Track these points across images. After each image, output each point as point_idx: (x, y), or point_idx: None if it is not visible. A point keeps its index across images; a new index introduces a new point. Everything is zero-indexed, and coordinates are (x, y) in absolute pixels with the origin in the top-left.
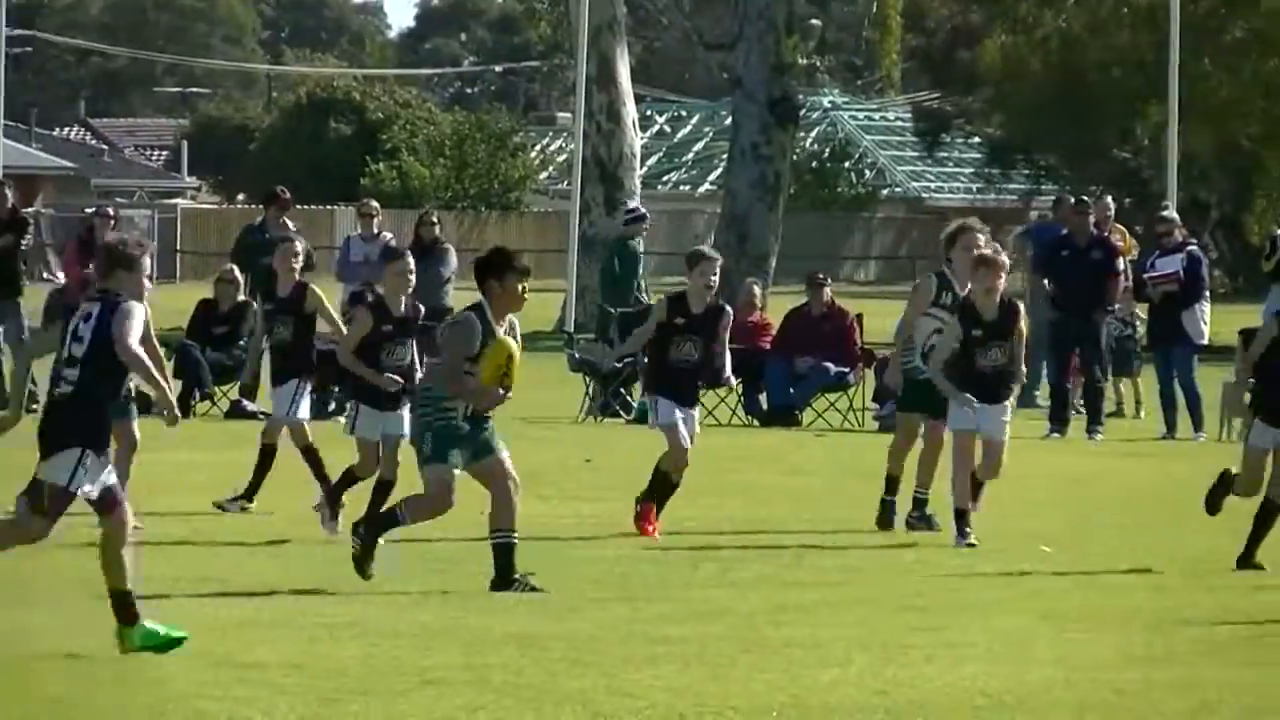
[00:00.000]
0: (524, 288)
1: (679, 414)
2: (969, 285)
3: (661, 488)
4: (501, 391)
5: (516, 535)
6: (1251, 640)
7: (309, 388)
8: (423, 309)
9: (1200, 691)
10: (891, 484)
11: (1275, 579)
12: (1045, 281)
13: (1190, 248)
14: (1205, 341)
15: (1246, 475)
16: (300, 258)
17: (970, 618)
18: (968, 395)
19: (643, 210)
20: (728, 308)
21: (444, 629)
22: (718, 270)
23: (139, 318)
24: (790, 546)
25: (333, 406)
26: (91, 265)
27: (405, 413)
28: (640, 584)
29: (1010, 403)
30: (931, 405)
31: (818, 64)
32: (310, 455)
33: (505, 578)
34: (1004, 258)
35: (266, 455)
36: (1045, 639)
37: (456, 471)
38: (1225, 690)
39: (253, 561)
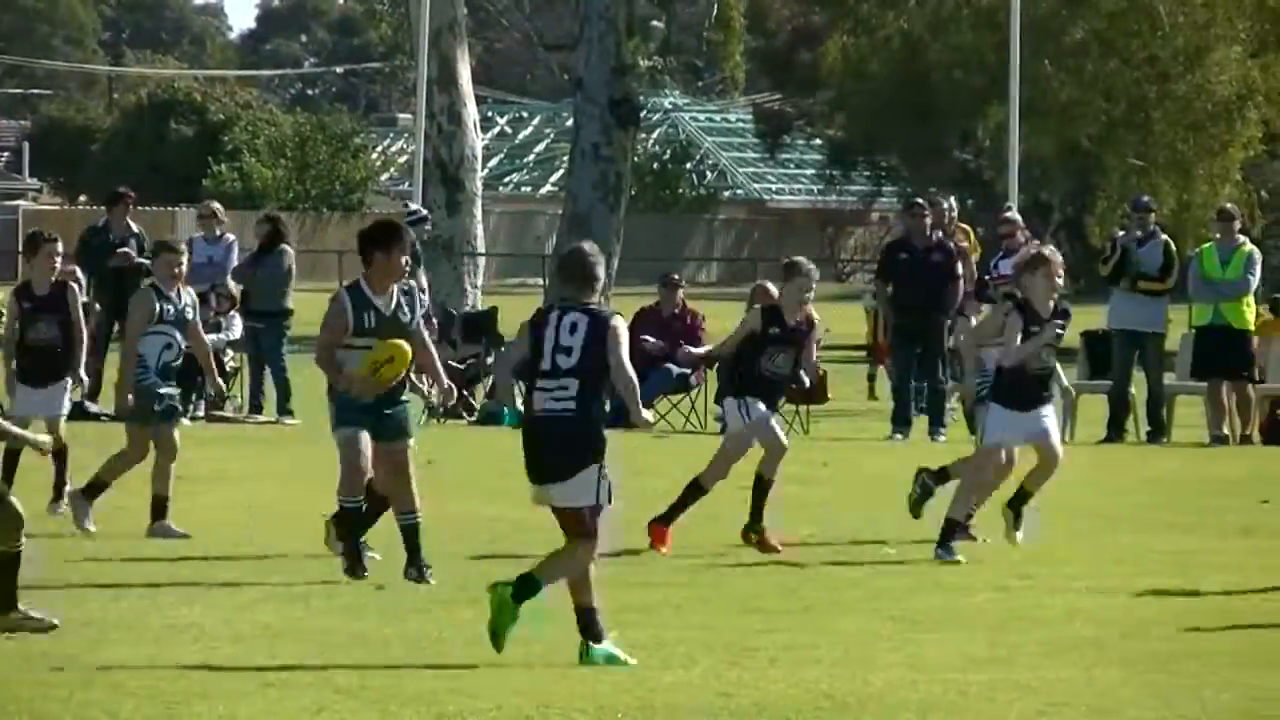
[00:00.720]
0: (407, 260)
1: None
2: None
3: (758, 494)
4: (372, 380)
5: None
6: (1095, 642)
7: (69, 385)
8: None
9: (1045, 693)
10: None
11: (1110, 583)
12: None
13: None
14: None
15: None
16: (60, 258)
17: (813, 620)
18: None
19: (424, 211)
20: (817, 318)
21: (286, 630)
22: (814, 283)
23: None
24: (633, 548)
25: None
26: None
27: None
28: (483, 586)
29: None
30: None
31: (659, 65)
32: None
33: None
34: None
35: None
36: (889, 641)
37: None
38: (1070, 692)
39: (94, 562)
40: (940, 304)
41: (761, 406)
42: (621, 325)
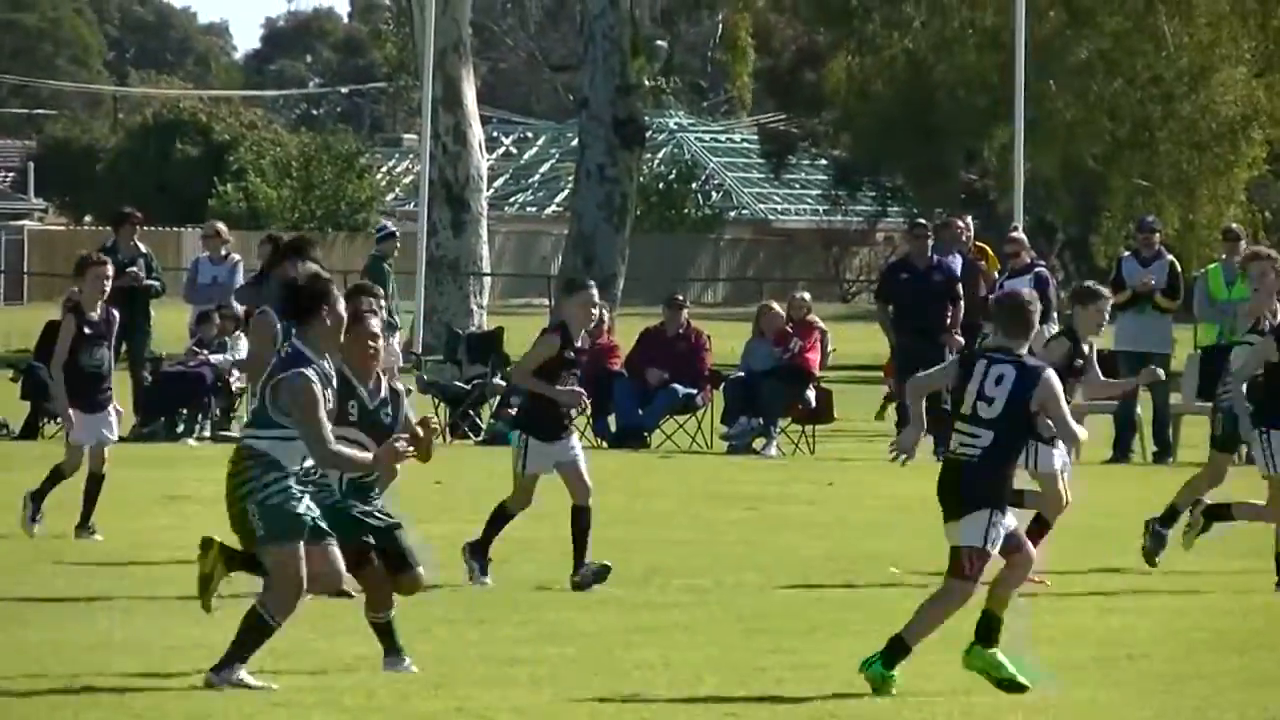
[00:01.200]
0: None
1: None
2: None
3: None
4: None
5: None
6: (1101, 662)
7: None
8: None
9: (1051, 714)
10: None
11: (1116, 603)
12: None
13: (1038, 269)
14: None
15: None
16: (109, 280)
17: (820, 640)
18: None
19: (393, 228)
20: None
21: (291, 651)
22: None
23: None
24: (640, 569)
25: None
26: None
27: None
28: (491, 606)
29: None
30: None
31: (664, 85)
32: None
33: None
34: None
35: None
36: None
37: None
38: (1076, 713)
39: (100, 583)
40: (941, 324)
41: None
42: (1054, 378)
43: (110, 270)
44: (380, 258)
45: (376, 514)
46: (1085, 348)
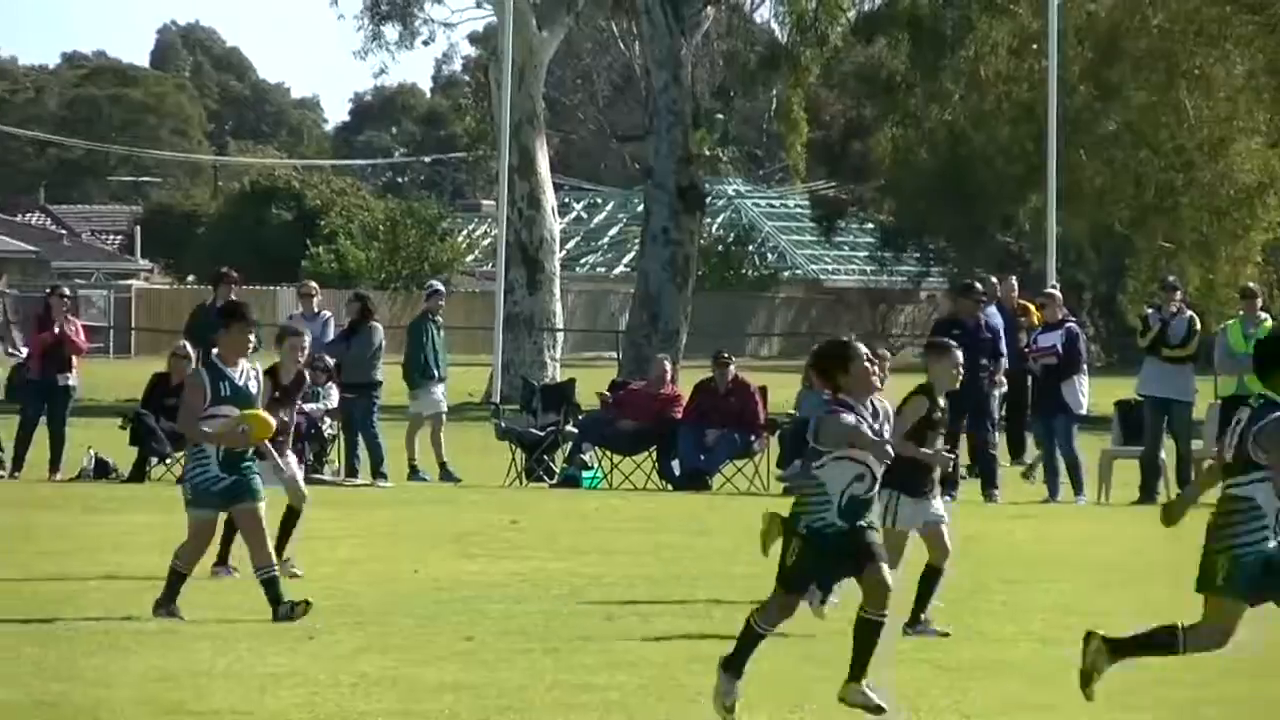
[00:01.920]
0: (248, 337)
1: None
2: None
3: None
4: (241, 431)
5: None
6: (1129, 688)
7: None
8: None
9: None
10: None
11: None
12: None
13: (1069, 324)
14: (1085, 411)
15: None
16: (304, 352)
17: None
18: None
19: (439, 287)
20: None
21: (381, 678)
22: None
23: None
24: (702, 601)
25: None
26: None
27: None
28: (564, 636)
29: None
30: None
31: (722, 155)
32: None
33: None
34: None
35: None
36: (938, 688)
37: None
38: None
39: (203, 614)
40: (986, 376)
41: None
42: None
43: (306, 341)
44: (428, 313)
45: None
46: (942, 400)
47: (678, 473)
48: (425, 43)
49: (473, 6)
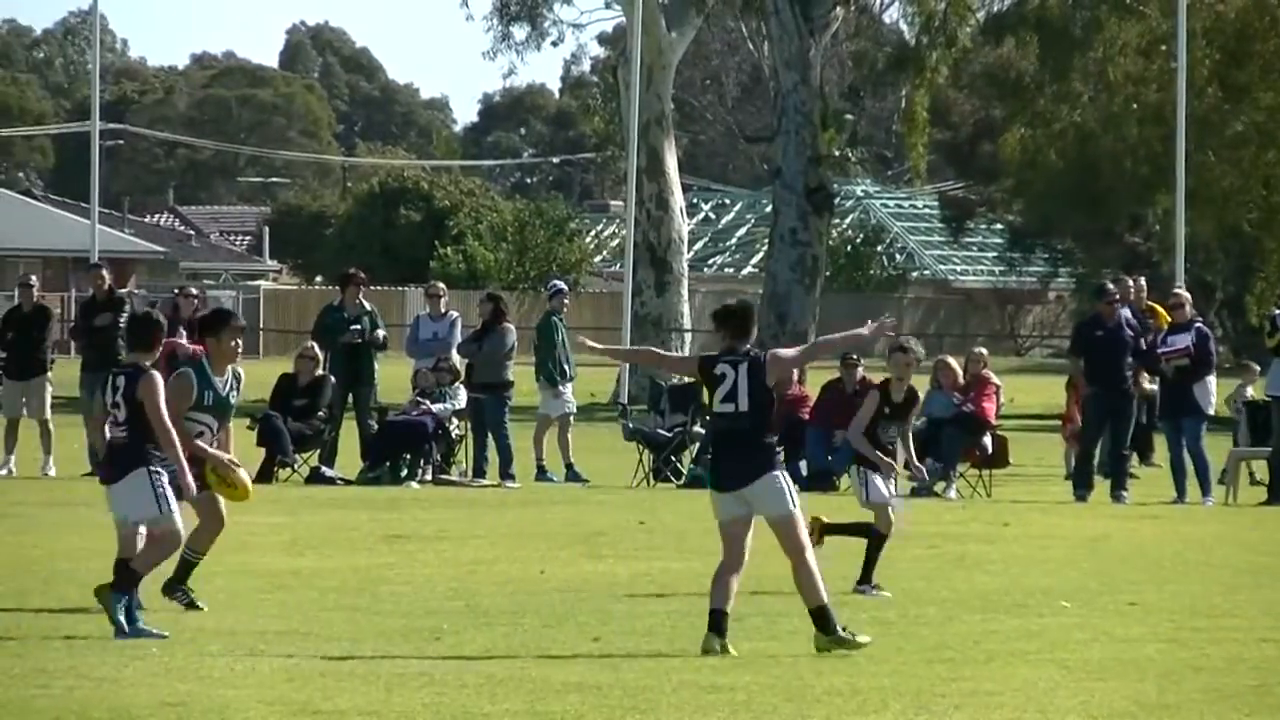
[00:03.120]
0: (237, 343)
1: None
2: None
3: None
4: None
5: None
6: (1259, 689)
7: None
8: None
9: None
10: None
11: (1272, 634)
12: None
13: (1198, 324)
14: (1214, 412)
15: None
16: None
17: (995, 668)
18: None
19: (562, 286)
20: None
21: (508, 678)
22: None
23: None
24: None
25: (405, 473)
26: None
27: None
28: (691, 636)
29: None
30: None
31: (850, 156)
32: None
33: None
34: None
35: None
36: (1066, 689)
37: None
38: None
39: (330, 614)
40: (1126, 376)
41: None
42: None
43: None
44: (552, 313)
45: None
46: (896, 397)
47: (805, 473)
48: (554, 44)
49: (602, 7)
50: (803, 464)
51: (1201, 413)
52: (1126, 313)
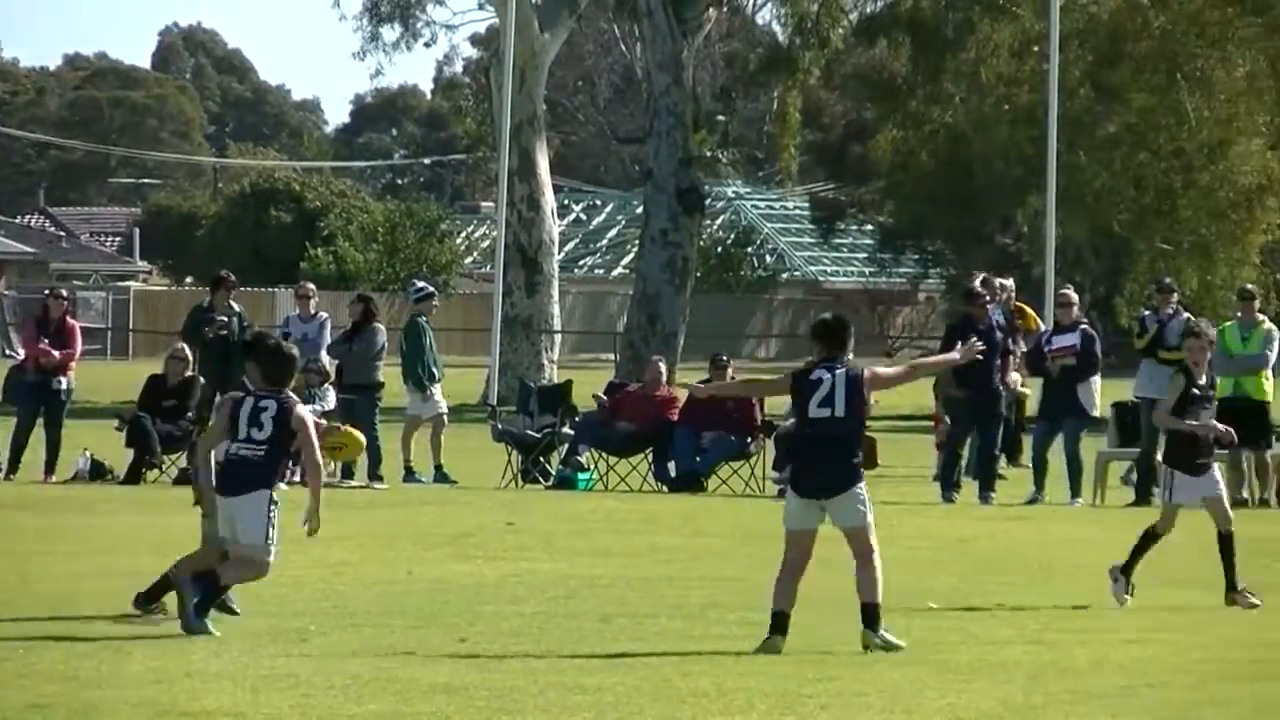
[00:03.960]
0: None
1: None
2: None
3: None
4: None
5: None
6: (1125, 690)
7: None
8: None
9: None
10: None
11: (1142, 635)
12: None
13: (1084, 325)
14: (1097, 413)
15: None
16: None
17: (862, 669)
18: None
19: (430, 289)
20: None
21: (375, 679)
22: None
23: None
24: (698, 603)
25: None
26: (45, 342)
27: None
28: (558, 638)
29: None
30: None
31: (722, 157)
32: None
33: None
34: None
35: None
36: (933, 689)
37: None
38: None
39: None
40: (994, 377)
41: None
42: None
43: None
44: (418, 315)
45: None
46: (1200, 378)
47: (673, 474)
48: (427, 44)
49: (475, 8)
50: (671, 465)
51: (1084, 414)
52: (997, 314)
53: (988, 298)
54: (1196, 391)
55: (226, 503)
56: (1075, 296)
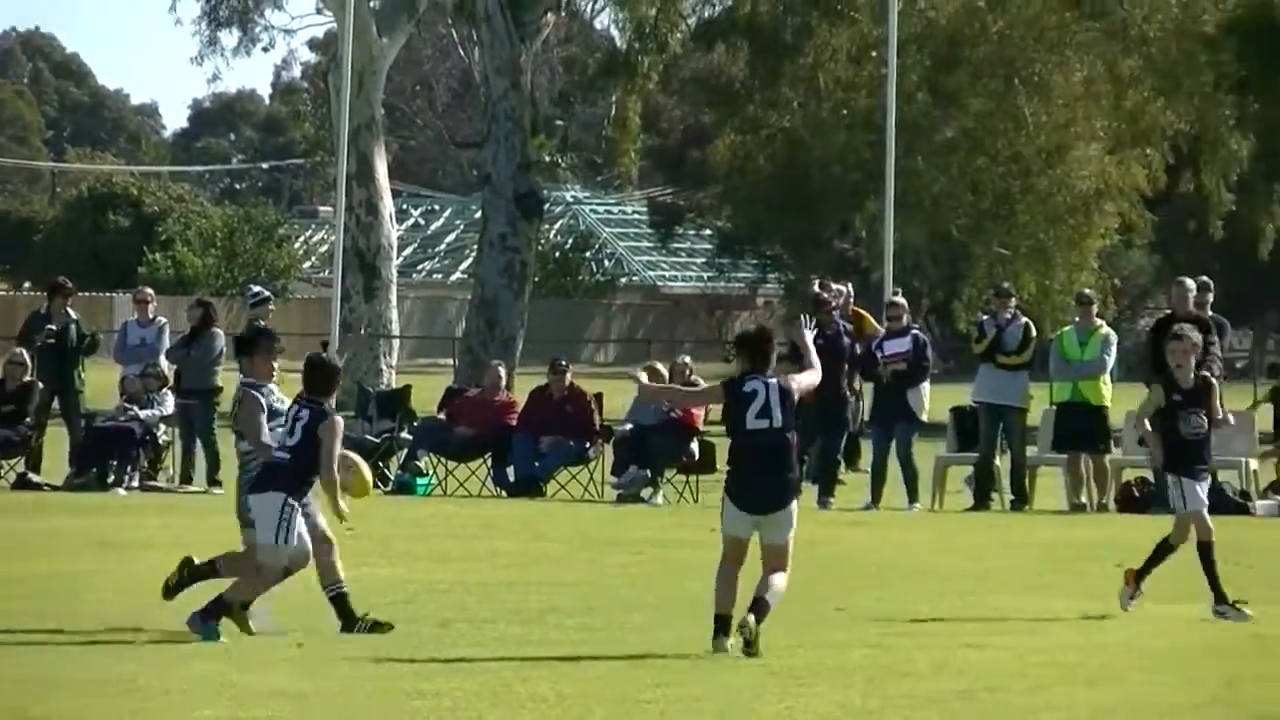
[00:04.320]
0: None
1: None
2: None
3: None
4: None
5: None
6: (964, 694)
7: None
8: None
9: None
10: None
11: (981, 639)
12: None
13: (915, 330)
14: (925, 418)
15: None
16: None
17: (701, 673)
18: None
19: (267, 293)
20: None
21: (210, 684)
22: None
23: None
24: (536, 608)
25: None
26: None
27: None
28: (396, 643)
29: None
30: None
31: (560, 161)
32: None
33: (349, 621)
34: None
35: None
36: (772, 693)
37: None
38: None
39: (29, 619)
40: (842, 383)
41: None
42: None
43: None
44: (255, 320)
45: None
46: (1184, 383)
47: (512, 479)
48: (265, 49)
49: (313, 13)
50: (510, 470)
51: (915, 419)
52: (840, 320)
53: (834, 304)
54: (1179, 398)
55: (249, 499)
56: (904, 302)
